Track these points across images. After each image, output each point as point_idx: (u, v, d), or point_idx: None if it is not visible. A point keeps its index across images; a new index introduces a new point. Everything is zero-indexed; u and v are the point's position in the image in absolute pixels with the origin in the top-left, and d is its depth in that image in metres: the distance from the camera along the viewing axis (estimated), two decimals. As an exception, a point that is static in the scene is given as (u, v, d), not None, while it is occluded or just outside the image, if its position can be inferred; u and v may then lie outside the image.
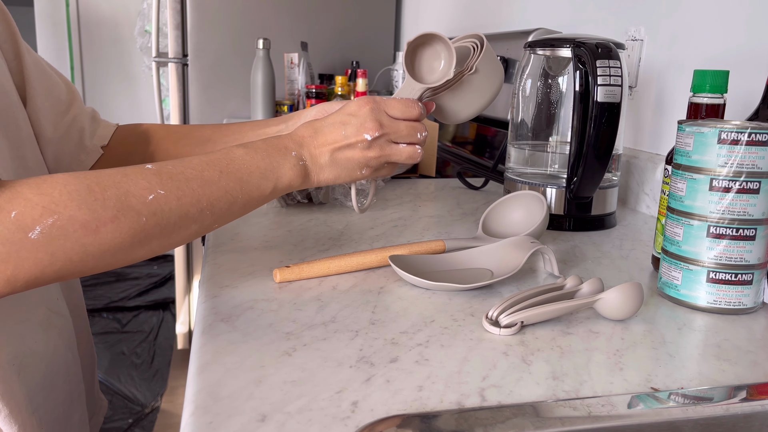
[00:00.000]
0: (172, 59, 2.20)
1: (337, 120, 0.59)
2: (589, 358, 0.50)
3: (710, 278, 0.58)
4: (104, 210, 0.45)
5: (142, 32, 3.04)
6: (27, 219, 0.42)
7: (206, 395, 0.42)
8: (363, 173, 0.60)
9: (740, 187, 0.56)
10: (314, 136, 0.58)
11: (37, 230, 0.42)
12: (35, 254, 0.43)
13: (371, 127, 0.58)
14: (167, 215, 0.48)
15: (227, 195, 0.52)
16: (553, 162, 0.94)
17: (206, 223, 0.52)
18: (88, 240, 0.44)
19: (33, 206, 0.43)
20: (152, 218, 0.47)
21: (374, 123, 0.59)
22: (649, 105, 1.02)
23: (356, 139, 0.58)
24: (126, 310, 2.82)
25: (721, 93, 0.70)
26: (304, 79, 2.05)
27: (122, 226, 0.46)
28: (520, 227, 0.78)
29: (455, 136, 1.57)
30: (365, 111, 0.59)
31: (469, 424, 0.40)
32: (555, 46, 0.89)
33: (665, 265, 0.62)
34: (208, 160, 0.52)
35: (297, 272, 0.64)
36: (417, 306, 0.59)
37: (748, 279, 0.58)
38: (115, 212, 0.45)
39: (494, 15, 1.62)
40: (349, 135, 0.58)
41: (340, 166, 0.59)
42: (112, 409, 2.08)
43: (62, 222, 0.43)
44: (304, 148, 0.58)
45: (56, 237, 0.43)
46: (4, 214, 0.42)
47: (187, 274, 2.40)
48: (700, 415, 0.43)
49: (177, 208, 0.49)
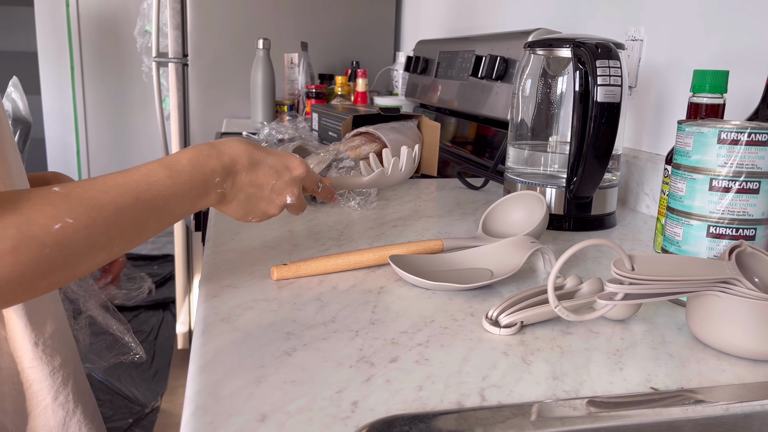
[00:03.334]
0: (172, 59, 2.20)
1: (275, 168, 0.59)
2: (589, 358, 0.50)
3: (710, 278, 0.58)
4: (2, 241, 0.40)
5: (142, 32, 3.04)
6: None
7: (206, 395, 0.42)
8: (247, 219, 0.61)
9: (740, 187, 0.56)
10: (248, 171, 0.57)
11: None
12: None
13: (292, 194, 0.60)
14: (74, 245, 0.44)
15: (140, 223, 0.49)
16: (553, 162, 0.94)
17: (115, 251, 0.48)
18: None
19: None
20: (57, 249, 0.43)
21: (296, 191, 0.61)
22: (649, 105, 1.02)
23: (277, 198, 0.60)
24: (126, 310, 2.82)
25: (721, 93, 0.71)
26: (304, 79, 2.05)
27: (21, 258, 0.41)
28: (520, 227, 0.78)
29: (455, 136, 1.57)
30: (299, 174, 0.61)
31: (469, 424, 0.40)
32: (555, 46, 0.89)
33: (665, 265, 0.62)
34: (125, 183, 0.48)
35: (294, 270, 0.64)
36: (417, 306, 0.59)
37: (748, 279, 0.58)
38: (14, 243, 0.41)
39: (494, 15, 1.62)
40: (276, 189, 0.59)
41: (244, 205, 0.59)
42: (113, 409, 2.08)
43: None
44: (228, 179, 0.56)
45: None
46: None
47: (187, 274, 2.40)
48: (700, 415, 0.43)
49: (85, 237, 0.45)
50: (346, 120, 1.27)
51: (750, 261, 0.54)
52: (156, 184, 0.50)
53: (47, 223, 0.43)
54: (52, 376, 0.65)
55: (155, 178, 0.50)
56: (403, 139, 1.15)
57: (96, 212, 0.45)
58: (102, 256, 0.47)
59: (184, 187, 0.52)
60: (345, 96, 2.01)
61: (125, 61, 3.55)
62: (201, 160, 0.53)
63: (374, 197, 0.96)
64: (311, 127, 1.59)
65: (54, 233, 0.43)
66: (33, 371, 0.63)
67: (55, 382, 0.65)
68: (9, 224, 0.41)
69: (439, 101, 1.62)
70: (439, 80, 1.64)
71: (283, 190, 0.60)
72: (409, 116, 1.27)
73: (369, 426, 0.39)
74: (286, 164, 0.60)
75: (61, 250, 0.43)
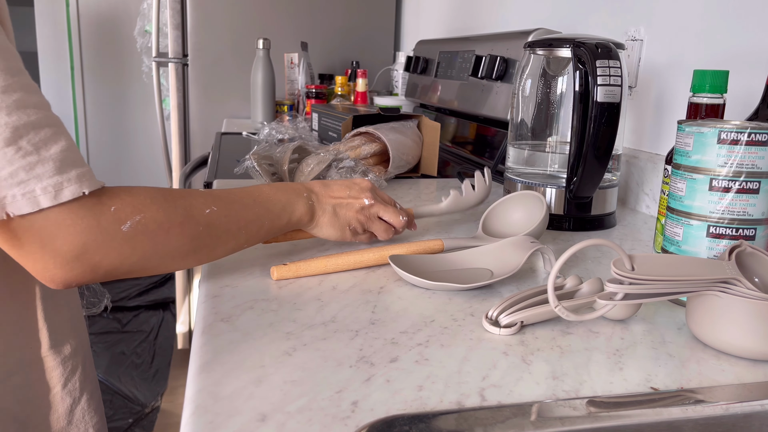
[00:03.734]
0: (172, 59, 2.20)
1: (344, 184, 0.71)
2: (589, 358, 0.50)
3: (710, 278, 0.58)
4: (175, 215, 0.53)
5: (142, 32, 3.04)
6: (122, 214, 0.50)
7: (206, 395, 0.42)
8: (347, 232, 0.70)
9: (740, 187, 0.56)
10: (324, 188, 0.70)
11: (128, 224, 0.50)
12: (122, 245, 0.50)
13: (369, 196, 0.71)
14: (216, 228, 0.57)
15: (258, 219, 0.61)
16: (553, 162, 0.94)
17: (240, 241, 0.60)
18: (160, 239, 0.52)
19: (126, 204, 0.50)
20: (207, 229, 0.56)
21: (372, 194, 0.71)
22: (649, 105, 1.02)
23: (356, 201, 0.70)
24: (126, 310, 2.82)
25: (721, 93, 0.71)
26: (304, 79, 2.05)
27: (186, 231, 0.54)
28: (520, 227, 0.78)
29: (455, 136, 1.57)
30: (367, 184, 0.72)
31: (468, 424, 0.40)
32: (555, 46, 0.89)
33: (665, 265, 0.62)
34: (244, 191, 0.62)
35: (294, 270, 0.64)
36: (417, 306, 0.59)
37: (748, 279, 0.58)
38: (182, 218, 0.54)
39: (494, 15, 1.62)
40: (352, 195, 0.70)
41: (336, 217, 0.69)
42: (113, 408, 2.08)
43: (146, 220, 0.51)
44: (314, 194, 0.68)
45: (140, 232, 0.51)
46: (106, 208, 0.49)
47: (187, 274, 2.40)
48: (700, 415, 0.43)
49: (224, 223, 0.57)
50: (346, 120, 1.27)
51: (750, 261, 0.54)
52: (264, 192, 0.64)
53: (202, 208, 0.56)
54: (63, 365, 0.68)
55: (263, 189, 0.64)
56: (403, 139, 1.15)
57: (230, 205, 0.59)
58: (232, 243, 0.59)
59: (284, 196, 0.65)
60: (345, 96, 2.01)
61: (125, 61, 3.55)
62: (290, 184, 0.68)
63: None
64: (311, 127, 1.59)
65: (206, 216, 0.56)
66: (47, 359, 0.66)
67: (65, 370, 0.68)
68: (179, 206, 0.54)
69: (439, 101, 1.62)
70: (439, 80, 1.64)
71: (358, 195, 0.70)
72: (409, 116, 1.27)
73: (369, 426, 0.39)
74: (351, 180, 0.72)
75: (209, 230, 0.56)
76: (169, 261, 0.55)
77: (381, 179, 1.00)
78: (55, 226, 0.47)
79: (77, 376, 0.69)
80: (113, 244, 0.50)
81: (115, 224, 0.49)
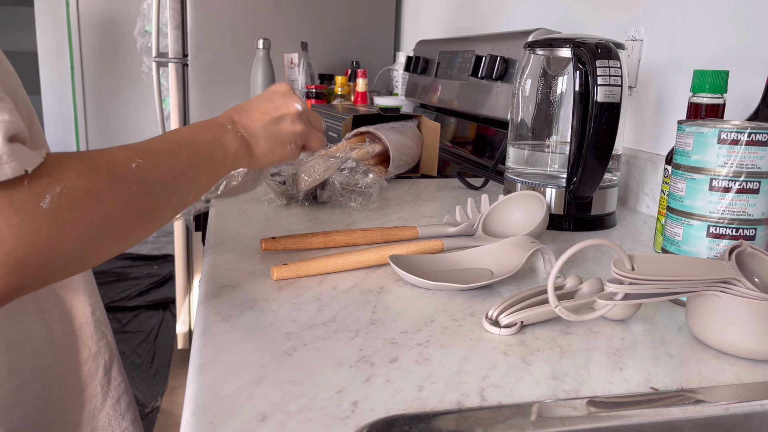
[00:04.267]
0: (172, 59, 2.20)
1: (262, 98, 0.63)
2: (589, 358, 0.50)
3: (710, 278, 0.58)
4: (100, 177, 0.44)
5: (142, 32, 3.04)
6: (37, 187, 0.40)
7: (206, 395, 0.42)
8: (291, 148, 0.63)
9: (740, 187, 0.56)
10: (242, 112, 0.61)
11: (47, 199, 0.40)
12: (47, 227, 0.40)
13: (297, 100, 0.63)
14: (151, 183, 0.48)
15: (191, 165, 0.53)
16: (553, 162, 0.94)
17: (182, 194, 0.52)
18: (92, 210, 0.43)
19: (41, 176, 0.41)
20: (141, 186, 0.47)
21: (298, 98, 0.63)
22: (649, 105, 1.02)
23: (286, 111, 0.62)
24: (126, 310, 2.81)
25: (721, 93, 0.71)
26: (304, 79, 2.05)
27: (119, 194, 0.45)
28: (520, 227, 0.78)
29: (455, 136, 1.57)
30: (286, 88, 0.64)
31: (468, 424, 0.40)
32: (555, 46, 0.89)
33: (665, 265, 0.62)
34: (164, 138, 0.53)
35: (294, 270, 0.64)
36: (417, 306, 0.59)
37: (748, 279, 0.58)
38: (110, 179, 0.44)
39: (494, 15, 1.62)
40: (279, 106, 0.62)
41: (272, 138, 0.61)
42: (112, 409, 2.08)
43: (68, 190, 0.41)
44: (237, 123, 0.60)
45: (65, 206, 0.41)
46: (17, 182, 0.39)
47: (187, 274, 2.40)
48: (700, 415, 0.43)
49: (157, 176, 0.49)
50: (346, 120, 1.27)
51: (750, 261, 0.54)
52: (185, 135, 0.54)
53: (126, 163, 0.46)
54: (80, 368, 0.66)
55: (182, 132, 0.55)
56: (403, 139, 1.15)
57: (155, 154, 0.50)
58: (174, 199, 0.51)
59: (208, 134, 0.56)
60: (345, 96, 2.01)
61: (125, 61, 3.55)
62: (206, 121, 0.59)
63: (375, 197, 0.96)
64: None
65: (134, 171, 0.46)
66: (62, 364, 0.64)
67: (83, 374, 0.66)
68: (101, 165, 0.45)
69: (439, 101, 1.62)
70: (439, 80, 1.64)
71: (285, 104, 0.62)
72: (409, 116, 1.27)
73: (369, 426, 0.39)
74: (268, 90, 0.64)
75: (144, 187, 0.47)
76: (112, 237, 0.45)
77: (381, 179, 1.00)
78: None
79: (98, 381, 0.67)
80: (33, 227, 0.39)
81: (31, 203, 0.39)
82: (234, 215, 0.88)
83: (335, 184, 0.95)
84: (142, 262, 3.41)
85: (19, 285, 0.40)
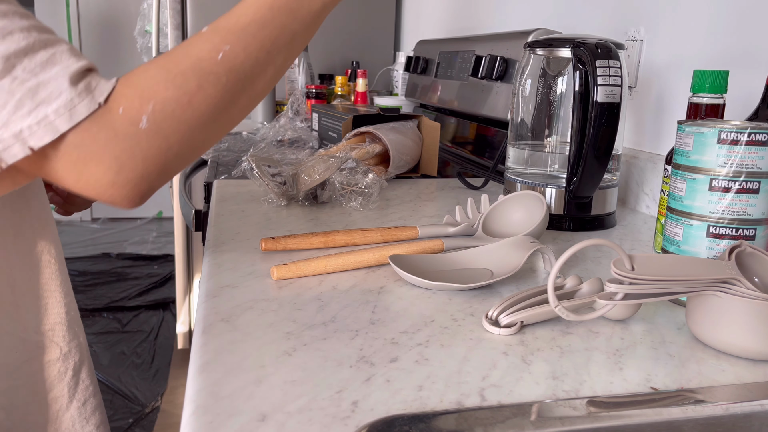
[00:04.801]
0: (172, 59, 2.20)
1: None
2: (589, 358, 0.50)
3: (710, 278, 0.58)
4: (186, 82, 0.46)
5: (142, 32, 3.04)
6: (132, 112, 0.44)
7: (206, 395, 0.42)
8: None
9: (740, 187, 0.56)
10: None
11: (144, 119, 0.44)
12: (152, 143, 0.45)
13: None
14: (241, 68, 0.49)
15: (286, 29, 0.51)
16: (553, 162, 0.94)
17: (278, 62, 0.52)
18: (188, 115, 0.46)
19: (132, 99, 0.44)
20: (231, 75, 0.48)
21: None
22: (649, 105, 1.02)
23: None
24: (126, 310, 2.81)
25: (721, 93, 0.71)
26: (304, 79, 2.05)
27: (209, 92, 0.47)
28: (520, 227, 0.78)
29: (455, 136, 1.57)
30: None
31: (468, 424, 0.40)
32: (555, 46, 0.89)
33: (665, 265, 0.62)
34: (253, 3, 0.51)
35: (294, 270, 0.64)
36: (417, 306, 0.59)
37: (748, 279, 0.58)
38: (197, 81, 0.46)
39: (494, 15, 1.62)
40: None
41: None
42: (113, 408, 2.08)
43: (160, 105, 0.45)
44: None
45: (161, 120, 0.45)
46: (114, 113, 0.44)
47: (187, 274, 2.40)
48: (700, 415, 0.43)
49: (246, 58, 0.49)
50: (346, 120, 1.27)
51: (750, 261, 0.54)
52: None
53: (211, 56, 0.47)
54: (49, 368, 0.65)
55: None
56: (403, 139, 1.15)
57: (243, 33, 0.49)
58: (270, 70, 0.51)
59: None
60: (345, 96, 2.01)
61: (125, 62, 3.55)
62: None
63: (375, 197, 0.96)
64: (311, 127, 1.59)
65: (221, 62, 0.47)
66: (32, 363, 0.63)
67: (52, 374, 0.65)
68: (185, 69, 0.46)
69: (439, 101, 1.62)
70: (439, 80, 1.64)
71: None
72: (409, 116, 1.27)
73: (369, 426, 0.39)
74: None
75: (235, 75, 0.48)
76: (214, 126, 0.49)
77: (381, 179, 1.00)
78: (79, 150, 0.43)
79: (65, 382, 0.67)
80: (143, 146, 0.45)
81: (131, 126, 0.44)
82: (234, 215, 0.88)
83: (335, 184, 0.95)
84: (142, 262, 3.41)
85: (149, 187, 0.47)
